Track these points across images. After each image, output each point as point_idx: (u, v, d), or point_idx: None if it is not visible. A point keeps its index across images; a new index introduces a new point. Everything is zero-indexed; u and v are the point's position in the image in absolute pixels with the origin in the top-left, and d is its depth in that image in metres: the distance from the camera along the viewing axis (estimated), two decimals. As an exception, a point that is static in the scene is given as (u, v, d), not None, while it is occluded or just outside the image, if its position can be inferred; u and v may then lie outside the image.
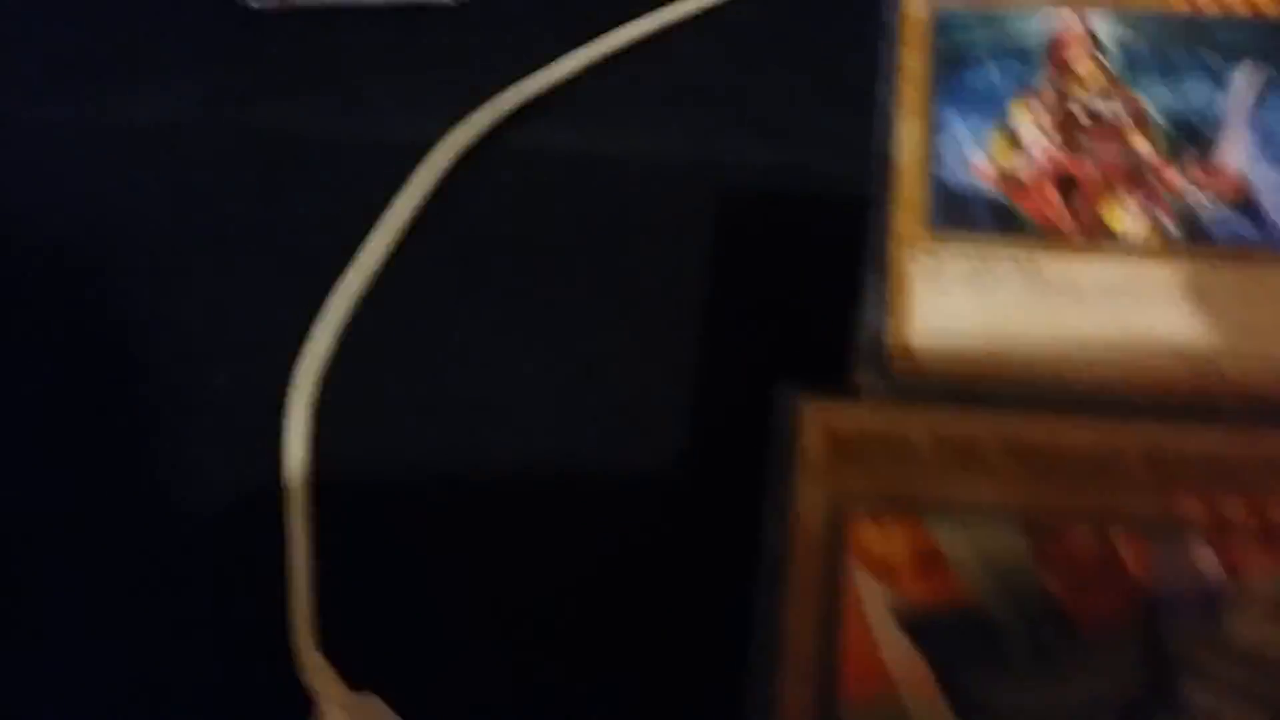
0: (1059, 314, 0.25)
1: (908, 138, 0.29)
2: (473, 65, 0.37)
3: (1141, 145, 0.28)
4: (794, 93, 0.35)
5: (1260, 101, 0.29)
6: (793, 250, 0.31)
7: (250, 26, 0.40)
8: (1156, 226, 0.27)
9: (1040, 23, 0.32)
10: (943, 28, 0.32)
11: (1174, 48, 0.31)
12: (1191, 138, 0.28)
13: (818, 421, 0.24)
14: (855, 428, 0.24)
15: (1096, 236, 0.27)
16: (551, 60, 0.36)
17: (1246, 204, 0.27)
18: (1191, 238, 0.26)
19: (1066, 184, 0.28)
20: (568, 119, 0.35)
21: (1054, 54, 0.31)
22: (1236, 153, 0.28)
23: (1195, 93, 0.29)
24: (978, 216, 0.27)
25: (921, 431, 0.23)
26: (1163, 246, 0.26)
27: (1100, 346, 0.24)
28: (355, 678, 0.26)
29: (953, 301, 0.25)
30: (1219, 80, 0.30)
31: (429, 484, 0.29)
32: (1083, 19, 0.32)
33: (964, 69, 0.31)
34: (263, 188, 0.35)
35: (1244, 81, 0.30)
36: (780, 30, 0.36)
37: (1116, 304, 0.25)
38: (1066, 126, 0.29)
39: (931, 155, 0.29)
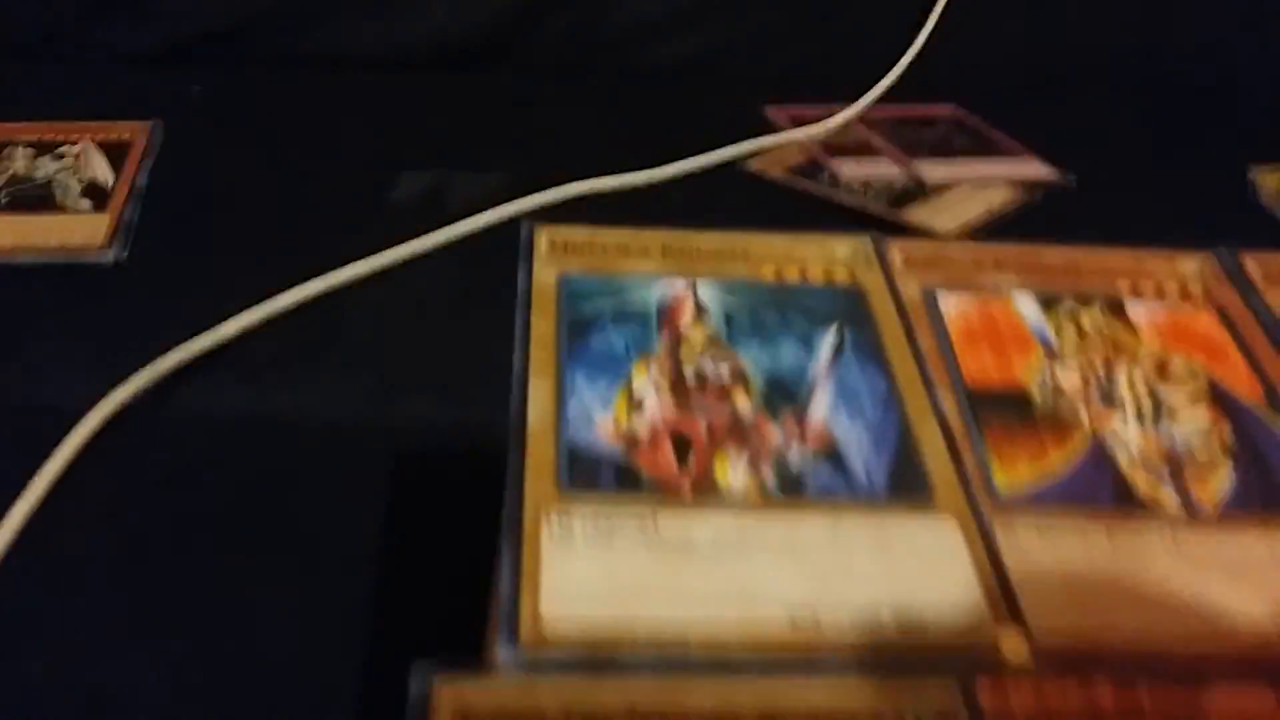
0: (676, 573, 0.27)
1: (539, 400, 0.31)
2: (133, 324, 0.36)
3: (743, 403, 0.32)
4: (469, 351, 0.36)
5: (838, 360, 0.33)
6: (467, 511, 0.32)
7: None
8: (758, 481, 0.30)
9: (655, 290, 0.35)
10: (570, 295, 0.35)
11: (768, 313, 0.35)
12: (785, 395, 0.32)
13: (450, 700, 0.24)
14: (488, 704, 0.24)
15: (707, 492, 0.29)
16: (218, 319, 0.35)
17: (833, 455, 0.30)
18: (788, 490, 0.29)
19: (681, 443, 0.30)
20: (237, 379, 0.35)
21: (667, 319, 0.34)
22: (822, 407, 0.32)
23: (787, 354, 0.34)
24: (603, 476, 0.29)
25: (553, 705, 0.24)
26: (764, 500, 0.29)
27: (714, 604, 0.26)
28: None
29: (580, 567, 0.27)
30: (806, 341, 0.34)
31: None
32: (691, 286, 0.36)
33: (590, 334, 0.33)
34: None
35: (826, 343, 0.34)
36: (453, 287, 0.38)
37: (725, 560, 0.27)
38: (680, 387, 0.32)
39: (561, 418, 0.30)
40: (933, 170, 0.50)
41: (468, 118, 0.47)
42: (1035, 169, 0.50)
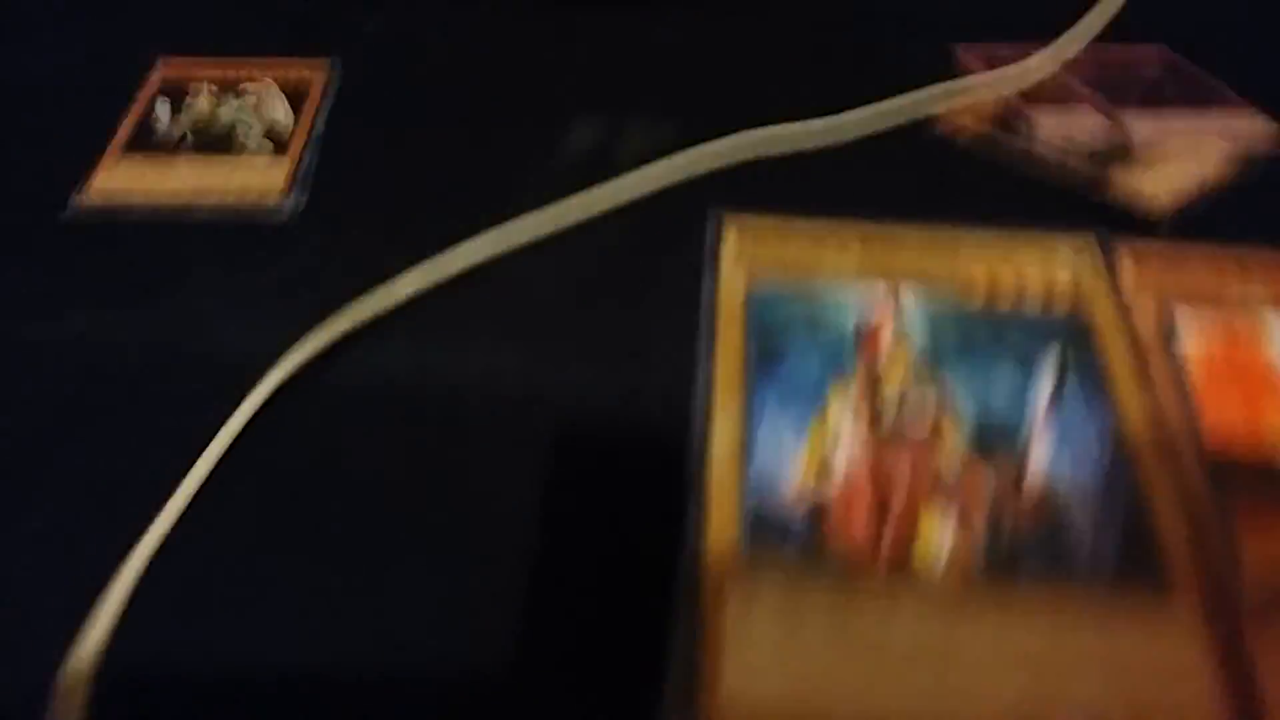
0: (869, 674, 0.24)
1: (724, 432, 0.28)
2: (308, 279, 0.34)
3: (951, 447, 0.28)
4: (631, 326, 0.33)
5: (1060, 396, 0.29)
6: (624, 487, 0.29)
7: (68, 232, 0.35)
8: (966, 555, 0.26)
9: (853, 299, 0.31)
10: (760, 302, 0.31)
11: (979, 330, 0.31)
12: (999, 438, 0.28)
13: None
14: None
15: (904, 570, 0.26)
16: (386, 278, 0.33)
17: (1053, 522, 0.27)
18: (1000, 568, 0.26)
19: (877, 502, 0.27)
20: (404, 340, 0.33)
21: (867, 335, 0.31)
22: (1042, 458, 0.28)
23: (1001, 385, 0.30)
24: (791, 537, 0.26)
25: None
26: (970, 586, 0.26)
27: (909, 710, 0.24)
28: None
29: (765, 647, 0.24)
30: (1024, 369, 0.30)
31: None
32: (893, 294, 0.32)
33: (782, 350, 0.30)
34: (85, 402, 0.31)
35: (1046, 373, 0.30)
36: (618, 263, 0.35)
37: (925, 665, 0.24)
38: (879, 422, 0.28)
39: (747, 456, 0.27)
40: (1142, 126, 0.43)
41: (638, 59, 0.42)
42: (1258, 125, 0.44)
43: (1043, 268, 0.33)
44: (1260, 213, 0.36)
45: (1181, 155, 0.41)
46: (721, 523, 0.26)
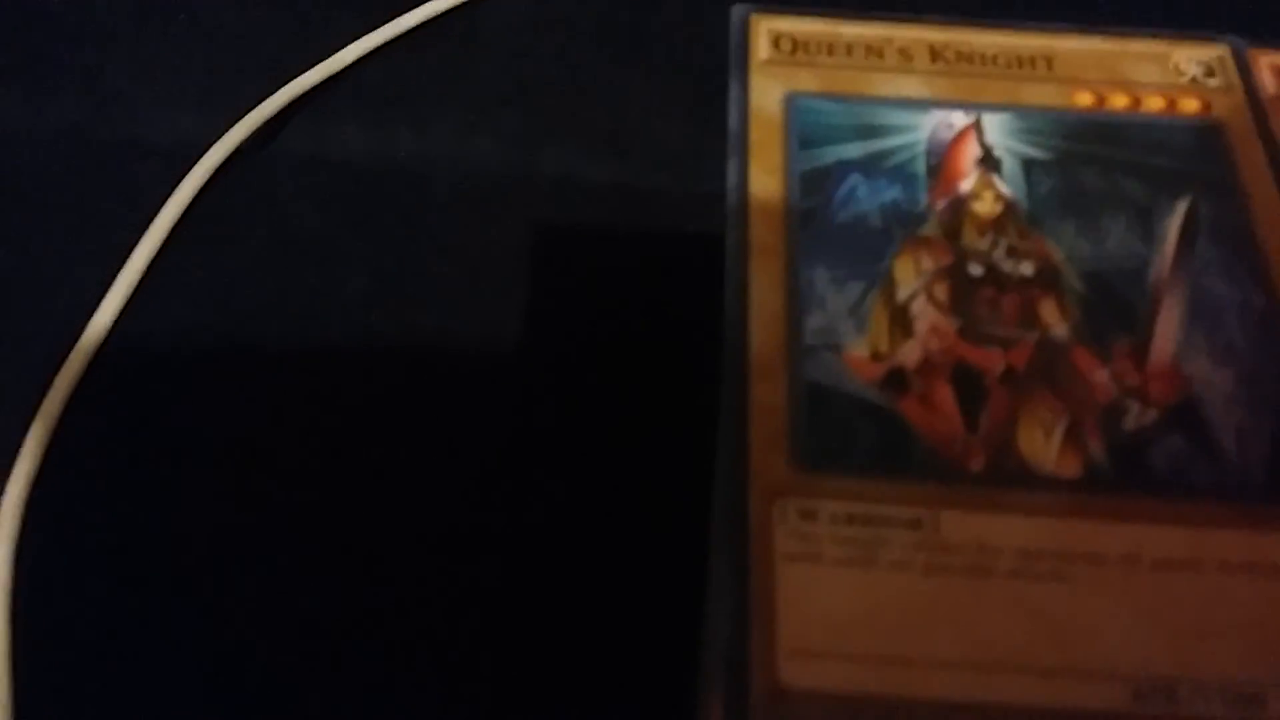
0: (969, 608, 0.18)
1: (763, 310, 0.21)
2: (241, 52, 0.27)
3: (1056, 321, 0.22)
4: (633, 100, 0.26)
5: (1190, 252, 0.23)
6: (622, 286, 0.24)
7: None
8: (1082, 456, 0.20)
9: (924, 126, 0.24)
10: (803, 130, 0.24)
11: (1087, 172, 0.24)
12: (1117, 310, 0.22)
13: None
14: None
15: (1008, 471, 0.20)
16: (337, 44, 0.27)
17: (1189, 417, 0.21)
18: (1126, 474, 0.20)
19: (968, 389, 0.21)
20: (356, 118, 0.26)
21: (943, 176, 0.24)
22: (1172, 335, 0.22)
23: (1116, 239, 0.23)
24: (859, 441, 0.20)
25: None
26: (1092, 492, 0.20)
27: (1023, 657, 0.18)
28: None
29: (832, 593, 0.18)
30: (1144, 219, 0.23)
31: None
32: (975, 121, 0.25)
33: (834, 198, 0.23)
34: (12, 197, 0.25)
35: (1173, 223, 0.23)
36: (620, 22, 0.28)
37: (1039, 592, 0.19)
38: (963, 291, 0.22)
39: (794, 342, 0.21)
40: None
41: None
42: None
43: (1164, 81, 0.26)
44: None
45: None
46: (765, 432, 0.20)
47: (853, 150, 0.24)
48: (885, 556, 0.19)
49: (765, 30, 0.25)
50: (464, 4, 0.28)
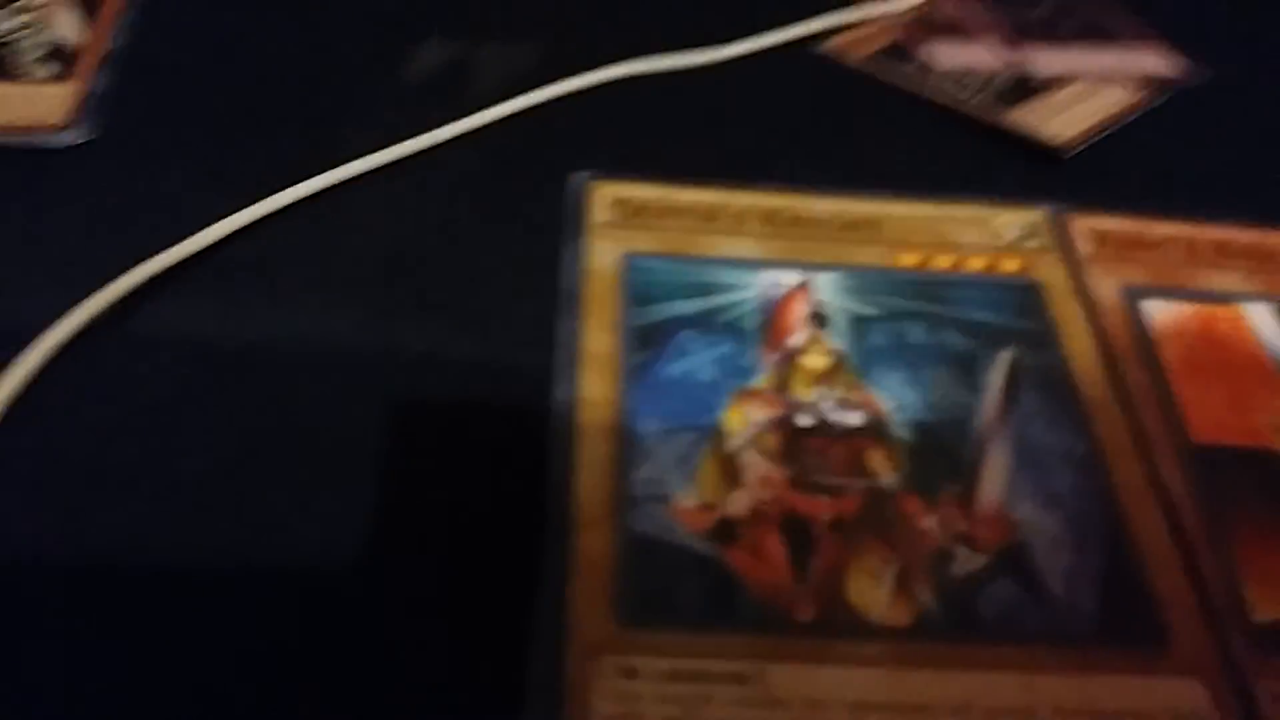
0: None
1: (592, 467, 0.21)
2: (99, 222, 0.27)
3: (883, 470, 0.22)
4: (485, 272, 0.26)
5: (1014, 403, 0.24)
6: (477, 458, 0.23)
7: None
8: (913, 605, 0.20)
9: (755, 285, 0.25)
10: (638, 288, 0.24)
11: (913, 326, 0.25)
12: (943, 458, 0.22)
13: None
14: None
15: (837, 622, 0.19)
16: (200, 220, 0.27)
17: (1017, 561, 0.21)
18: (955, 621, 0.20)
19: (797, 537, 0.21)
20: (217, 296, 0.26)
21: (773, 331, 0.24)
22: (997, 481, 0.22)
23: (942, 390, 0.24)
24: (685, 596, 0.19)
25: None
26: (922, 641, 0.19)
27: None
28: None
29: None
30: (967, 371, 0.24)
31: None
32: (806, 283, 0.25)
33: (666, 352, 0.23)
34: None
35: (997, 375, 0.24)
36: (473, 196, 0.28)
37: (874, 756, 0.18)
38: (793, 443, 0.22)
39: (623, 496, 0.21)
40: (1043, 61, 0.38)
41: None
42: (1162, 63, 0.39)
43: (987, 244, 0.27)
44: (1163, 148, 0.32)
45: (1084, 94, 0.36)
46: (589, 587, 0.19)
47: (686, 307, 0.24)
48: (709, 715, 0.18)
49: (602, 196, 0.26)
50: (328, 189, 0.29)
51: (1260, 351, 0.26)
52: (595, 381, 0.22)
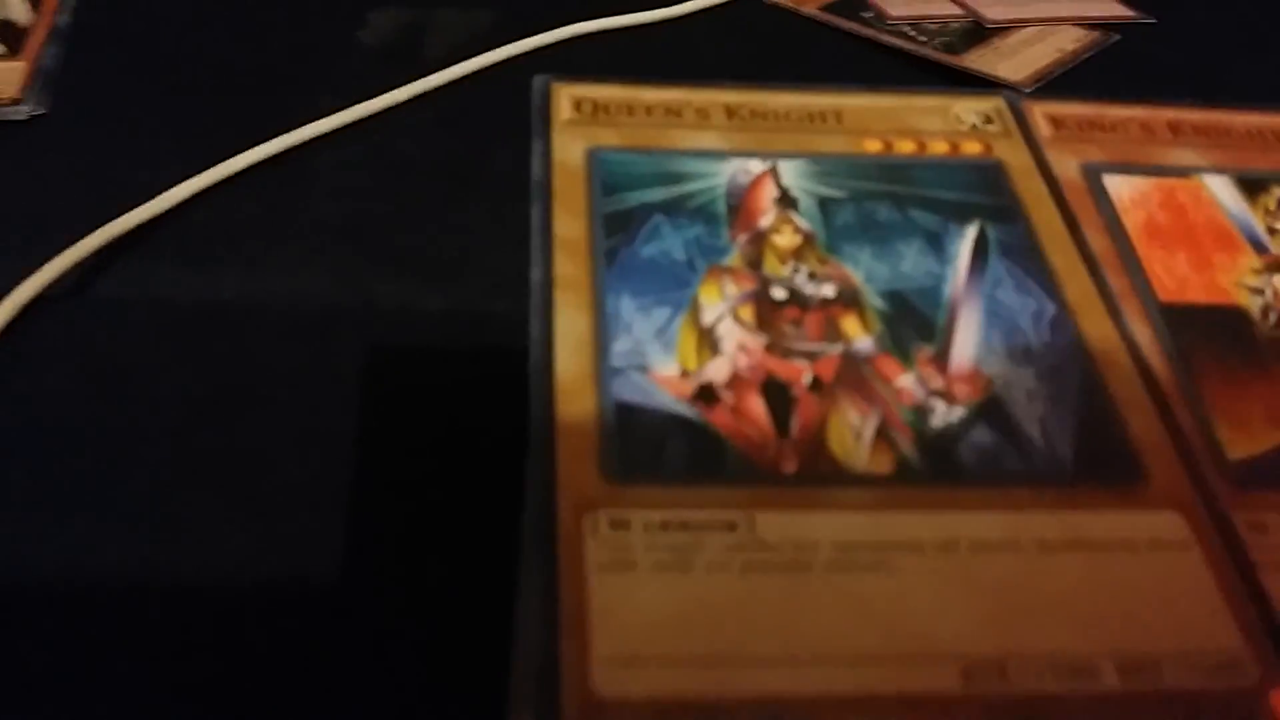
0: (787, 605, 0.18)
1: (570, 339, 0.21)
2: (53, 193, 0.27)
3: (858, 336, 0.22)
4: (454, 225, 0.26)
5: (981, 269, 0.24)
6: (455, 410, 0.23)
7: None
8: (893, 453, 0.20)
9: (722, 172, 0.25)
10: (606, 180, 0.25)
11: (879, 205, 0.25)
12: (916, 323, 0.23)
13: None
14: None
15: (820, 472, 0.20)
16: (156, 185, 0.26)
17: (994, 411, 0.21)
18: (936, 466, 0.20)
19: (777, 395, 0.21)
20: (181, 258, 0.25)
21: (742, 214, 0.24)
22: (970, 340, 0.22)
23: (911, 262, 0.24)
24: (670, 454, 0.20)
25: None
26: (904, 484, 0.20)
27: (846, 648, 0.17)
28: None
29: (646, 602, 0.18)
30: (936, 244, 0.24)
31: None
32: (771, 167, 0.26)
33: (637, 236, 0.23)
34: None
35: (964, 245, 0.24)
36: (444, 152, 0.28)
37: (858, 583, 0.18)
38: (767, 313, 0.22)
39: (603, 366, 0.21)
40: (995, 9, 0.39)
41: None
42: (1111, 7, 0.40)
43: (947, 129, 0.27)
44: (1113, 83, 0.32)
45: (1036, 38, 0.37)
46: (575, 449, 0.20)
47: (655, 195, 0.24)
48: (701, 560, 0.18)
49: (567, 95, 0.26)
50: (292, 148, 0.28)
51: (1221, 217, 0.26)
52: (568, 265, 0.22)
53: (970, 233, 0.25)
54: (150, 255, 0.25)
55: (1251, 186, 0.27)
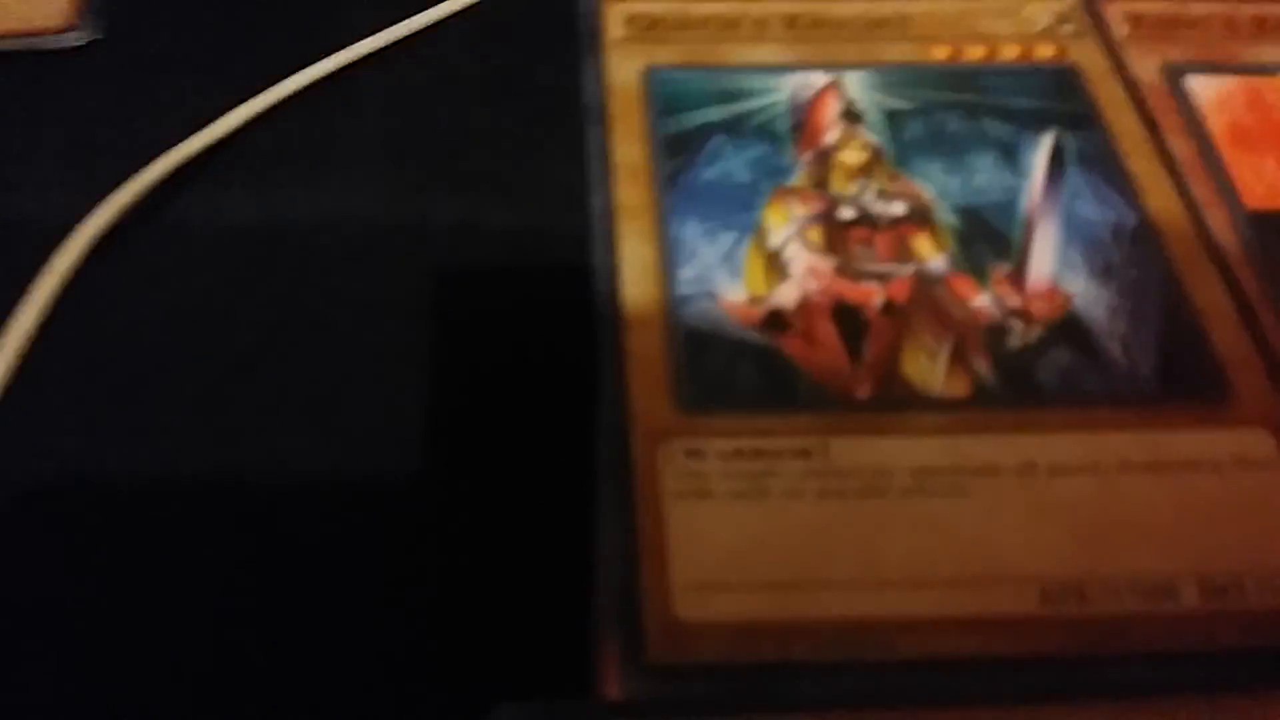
0: (867, 531, 0.18)
1: (635, 267, 0.21)
2: (114, 120, 0.27)
3: (931, 255, 0.22)
4: (516, 141, 0.26)
5: (1059, 181, 0.23)
6: (521, 337, 0.23)
7: None
8: (970, 376, 0.20)
9: (784, 88, 0.24)
10: (663, 100, 0.24)
11: (950, 116, 0.24)
12: (991, 240, 0.22)
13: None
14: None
15: (896, 397, 0.19)
16: (213, 111, 0.26)
17: (1074, 330, 0.21)
18: (1016, 388, 0.20)
19: (849, 320, 0.20)
20: (239, 183, 0.26)
21: (806, 131, 0.24)
22: (1047, 257, 0.22)
23: (984, 176, 0.23)
24: (741, 380, 0.19)
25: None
26: (982, 408, 0.19)
27: (928, 575, 0.17)
28: None
29: (724, 531, 0.17)
30: (1010, 155, 0.23)
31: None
32: (835, 80, 0.25)
33: (699, 157, 0.23)
34: None
35: (1040, 156, 0.24)
36: (494, 68, 0.28)
37: (936, 507, 0.18)
38: (836, 234, 0.22)
39: (670, 293, 0.21)
40: None
41: None
42: None
43: (1018, 31, 0.26)
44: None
45: None
46: (646, 379, 0.19)
47: (715, 114, 0.24)
48: (776, 487, 0.18)
49: (618, 12, 0.26)
50: (341, 69, 0.28)
51: (1308, 117, 0.25)
52: (630, 191, 0.22)
53: (1046, 142, 0.24)
54: (211, 181, 0.25)
55: (1343, 82, 0.25)
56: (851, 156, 0.23)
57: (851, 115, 0.24)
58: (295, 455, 0.20)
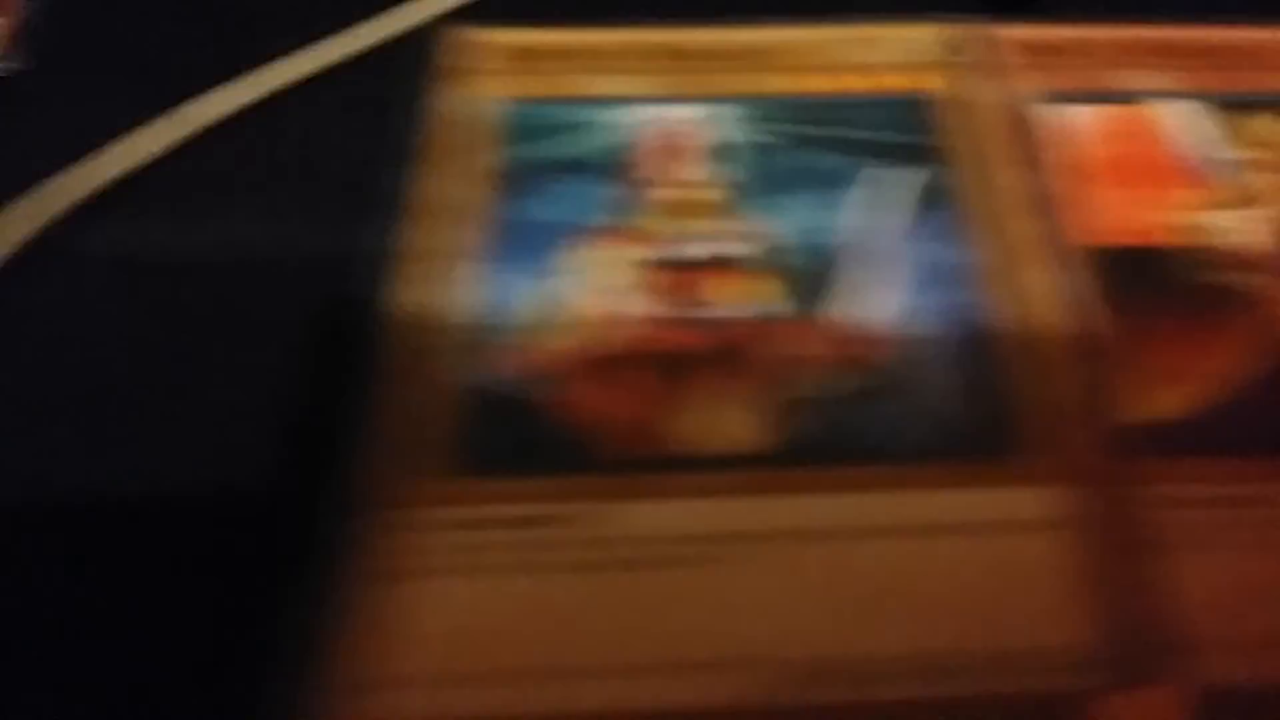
0: (618, 615, 0.17)
1: (413, 314, 0.20)
2: (31, 148, 0.27)
3: (758, 298, 0.21)
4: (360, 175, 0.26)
5: (897, 226, 0.22)
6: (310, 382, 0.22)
7: None
8: (787, 429, 0.19)
9: (630, 125, 0.24)
10: (501, 137, 0.23)
11: (796, 152, 0.23)
12: (818, 284, 0.21)
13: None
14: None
15: (683, 461, 0.19)
16: (117, 138, 0.26)
17: (896, 377, 0.20)
18: (835, 445, 0.19)
19: (666, 372, 0.20)
20: (141, 214, 0.26)
21: (644, 169, 0.23)
22: (874, 301, 0.21)
23: (822, 215, 0.22)
24: (505, 442, 0.19)
25: None
26: (788, 471, 0.19)
27: (660, 666, 0.17)
28: None
29: (435, 615, 0.17)
30: (847, 192, 0.23)
31: None
32: (687, 118, 0.24)
33: (526, 196, 0.22)
34: None
35: (880, 198, 0.23)
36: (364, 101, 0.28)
37: (691, 580, 0.17)
38: (660, 279, 0.21)
39: (453, 343, 0.20)
40: None
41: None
42: None
43: (873, 65, 0.25)
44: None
45: None
46: (402, 415, 0.19)
47: (553, 149, 0.23)
48: (507, 560, 0.17)
49: (495, 44, 0.25)
50: (258, 101, 0.28)
51: (1165, 148, 0.23)
52: (434, 231, 0.22)
53: (889, 181, 0.23)
54: (112, 213, 0.26)
55: (1214, 111, 0.24)
56: (684, 194, 0.23)
57: (695, 151, 0.23)
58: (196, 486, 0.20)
